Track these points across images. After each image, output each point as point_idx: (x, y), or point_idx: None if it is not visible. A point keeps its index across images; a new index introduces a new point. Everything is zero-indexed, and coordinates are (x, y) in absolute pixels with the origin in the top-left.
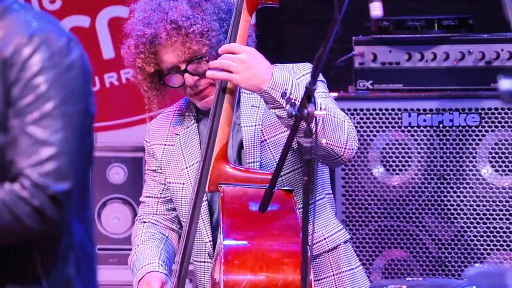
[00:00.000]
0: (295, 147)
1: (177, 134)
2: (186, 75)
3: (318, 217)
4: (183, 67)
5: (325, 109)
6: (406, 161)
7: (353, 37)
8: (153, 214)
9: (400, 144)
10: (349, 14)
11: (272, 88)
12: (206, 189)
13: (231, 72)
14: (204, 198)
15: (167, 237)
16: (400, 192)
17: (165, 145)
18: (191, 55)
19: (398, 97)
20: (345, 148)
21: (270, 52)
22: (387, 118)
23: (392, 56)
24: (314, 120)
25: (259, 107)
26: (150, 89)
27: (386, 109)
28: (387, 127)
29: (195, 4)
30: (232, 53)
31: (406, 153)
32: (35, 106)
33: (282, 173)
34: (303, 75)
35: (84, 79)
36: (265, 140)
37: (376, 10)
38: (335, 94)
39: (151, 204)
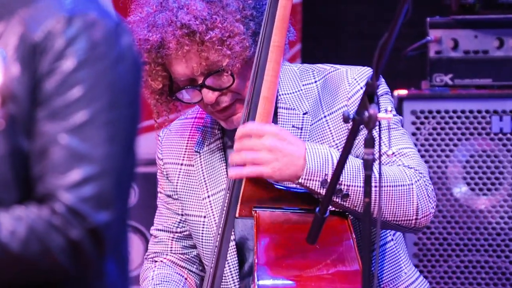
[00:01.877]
0: None
1: (197, 152)
2: (205, 90)
3: (385, 267)
4: (200, 80)
5: (391, 111)
6: (497, 178)
7: (428, 19)
8: (167, 253)
9: (488, 156)
10: None
11: (308, 179)
12: (237, 214)
13: (257, 164)
14: (232, 237)
15: (185, 279)
16: (488, 218)
17: (182, 164)
18: (209, 67)
19: (486, 96)
20: (416, 219)
21: (319, 41)
22: (471, 123)
23: (478, 42)
24: (378, 125)
25: (301, 128)
26: (159, 103)
27: (471, 111)
28: (471, 134)
29: None
30: (251, 136)
31: (497, 167)
32: (74, 109)
33: None
34: (361, 88)
35: (135, 76)
36: None
37: None
38: (405, 92)
39: (164, 241)
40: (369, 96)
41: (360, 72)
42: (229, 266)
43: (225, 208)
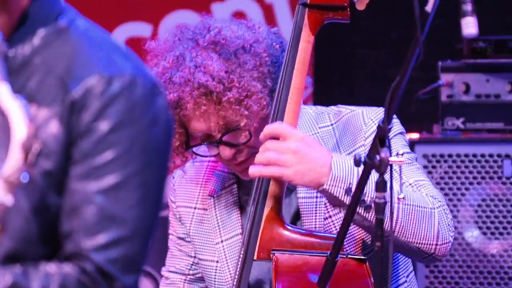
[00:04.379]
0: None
1: (211, 196)
2: (222, 146)
3: None
4: (217, 137)
5: (402, 154)
6: (509, 222)
7: (440, 63)
8: None
9: (500, 200)
10: (435, 33)
11: (332, 185)
12: (255, 257)
13: (280, 165)
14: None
15: None
16: (500, 262)
17: (195, 208)
18: (226, 125)
19: (498, 140)
20: (436, 245)
21: (334, 83)
22: (483, 167)
23: (490, 86)
24: (389, 169)
25: None
26: (175, 153)
27: (482, 155)
28: (483, 178)
29: (229, 56)
30: (277, 137)
31: (509, 211)
32: (107, 170)
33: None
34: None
35: (167, 137)
36: (330, 216)
37: (469, 27)
38: (416, 135)
39: (176, 283)
40: (381, 139)
41: (376, 112)
42: None
43: (242, 251)
